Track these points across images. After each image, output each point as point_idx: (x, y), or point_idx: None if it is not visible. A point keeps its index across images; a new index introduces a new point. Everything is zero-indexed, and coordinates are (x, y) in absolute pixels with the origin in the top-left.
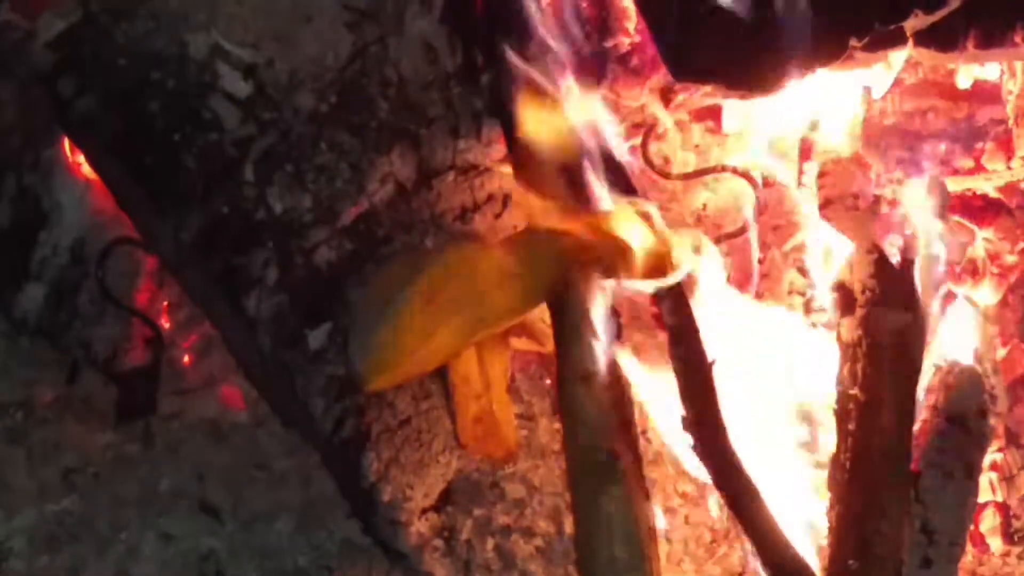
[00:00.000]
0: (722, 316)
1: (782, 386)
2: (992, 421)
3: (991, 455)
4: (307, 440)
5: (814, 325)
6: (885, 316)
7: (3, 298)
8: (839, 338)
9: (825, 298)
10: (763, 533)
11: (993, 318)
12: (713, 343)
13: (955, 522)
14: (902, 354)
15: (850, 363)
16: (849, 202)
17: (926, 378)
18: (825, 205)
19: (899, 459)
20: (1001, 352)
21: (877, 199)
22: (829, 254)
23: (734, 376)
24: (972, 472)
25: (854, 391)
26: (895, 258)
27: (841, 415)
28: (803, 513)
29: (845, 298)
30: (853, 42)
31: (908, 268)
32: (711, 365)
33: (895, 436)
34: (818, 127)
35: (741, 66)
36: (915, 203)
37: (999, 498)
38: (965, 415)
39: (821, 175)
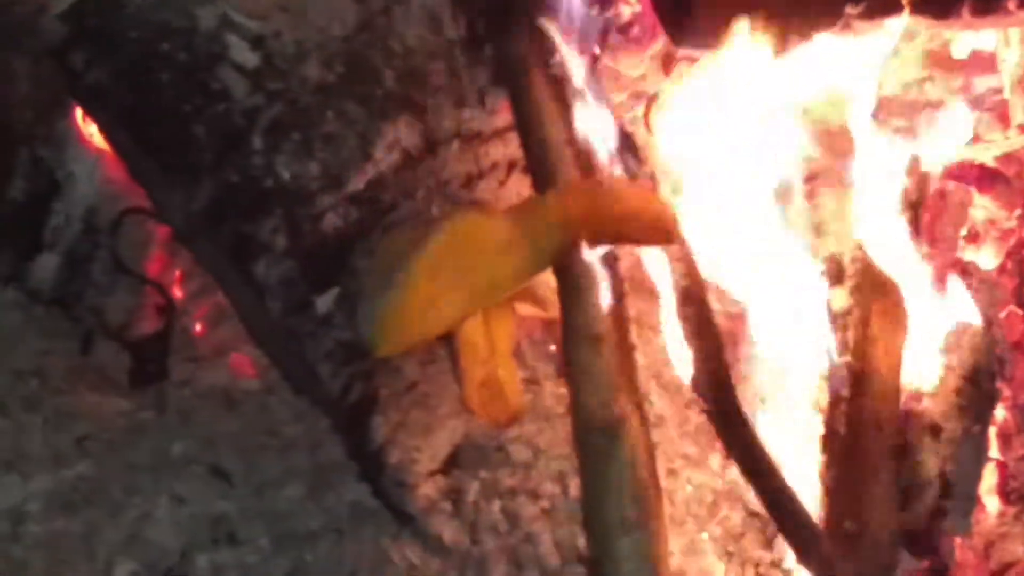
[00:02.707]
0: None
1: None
2: (998, 385)
3: None
4: (316, 405)
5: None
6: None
7: (18, 268)
8: (829, 308)
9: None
10: (773, 492)
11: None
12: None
13: (971, 476)
14: (890, 323)
15: (841, 332)
16: (833, 176)
17: (938, 340)
18: (810, 179)
19: (889, 425)
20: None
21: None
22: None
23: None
24: (985, 432)
25: (846, 358)
26: None
27: (833, 382)
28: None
29: (834, 269)
30: (849, 9)
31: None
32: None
33: (886, 403)
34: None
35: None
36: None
37: (995, 454)
38: (979, 376)
39: None
